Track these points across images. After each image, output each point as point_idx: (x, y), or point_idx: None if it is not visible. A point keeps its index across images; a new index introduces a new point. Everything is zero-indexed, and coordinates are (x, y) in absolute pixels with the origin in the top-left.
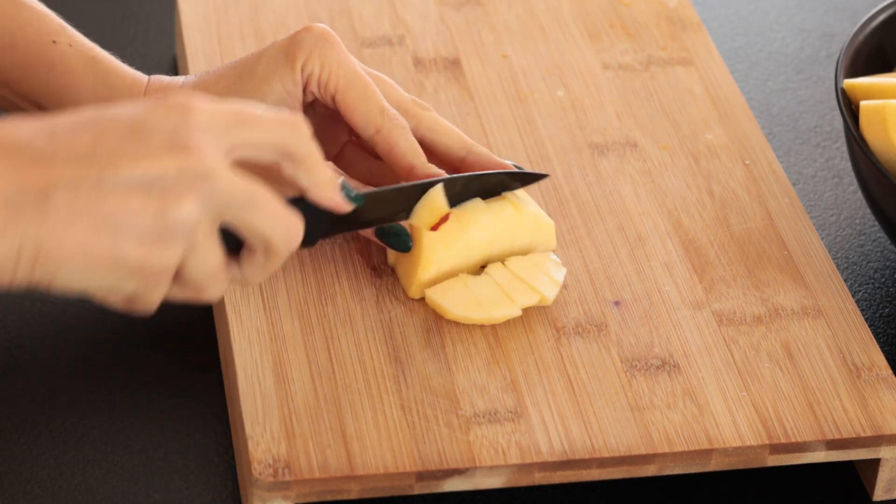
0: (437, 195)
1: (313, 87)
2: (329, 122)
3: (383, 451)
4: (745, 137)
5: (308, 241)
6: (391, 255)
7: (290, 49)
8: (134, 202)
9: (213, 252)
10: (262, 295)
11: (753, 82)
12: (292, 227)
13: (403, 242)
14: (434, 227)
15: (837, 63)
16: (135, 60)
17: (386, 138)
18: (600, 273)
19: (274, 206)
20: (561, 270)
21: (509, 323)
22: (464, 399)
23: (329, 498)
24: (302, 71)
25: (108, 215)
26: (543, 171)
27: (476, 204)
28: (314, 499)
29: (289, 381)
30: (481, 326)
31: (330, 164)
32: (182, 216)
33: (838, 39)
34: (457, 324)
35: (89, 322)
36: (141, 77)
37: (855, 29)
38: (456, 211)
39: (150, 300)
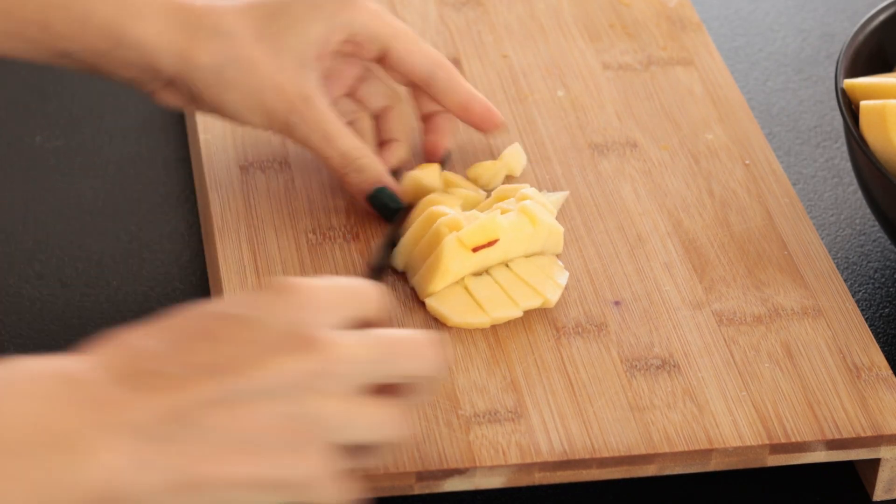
0: (494, 218)
1: (362, 39)
2: (340, 63)
3: (383, 451)
4: (745, 137)
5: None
6: (401, 258)
7: (342, 3)
8: (273, 413)
9: (371, 415)
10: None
11: (753, 82)
12: (434, 350)
13: (393, 211)
14: (476, 249)
15: (837, 63)
16: None
17: (448, 74)
18: (600, 273)
19: (408, 344)
20: (564, 274)
21: (509, 323)
22: (464, 399)
23: None
24: (346, 22)
25: (248, 432)
26: (543, 171)
27: (494, 216)
28: None
29: None
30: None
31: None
32: (325, 415)
33: (838, 39)
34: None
35: (89, 320)
36: None
37: (855, 29)
38: (475, 224)
39: (323, 499)
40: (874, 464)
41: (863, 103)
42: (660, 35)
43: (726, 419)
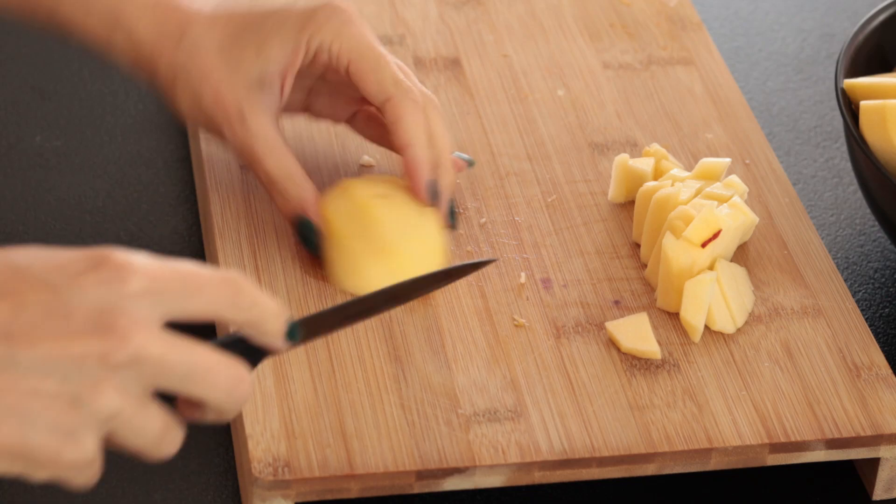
0: (712, 210)
1: (324, 58)
2: (341, 87)
3: (383, 450)
4: (745, 137)
5: (253, 365)
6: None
7: (304, 20)
8: (47, 389)
9: (150, 421)
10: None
11: (753, 82)
12: (238, 385)
13: (315, 246)
14: (705, 244)
15: (837, 63)
16: None
17: (395, 107)
18: (600, 272)
19: (214, 373)
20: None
21: (509, 323)
22: (464, 398)
23: (329, 497)
24: (309, 42)
25: (16, 403)
26: (543, 170)
27: (711, 209)
28: (314, 498)
29: (289, 381)
30: (481, 326)
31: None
32: (100, 407)
33: (838, 39)
34: (457, 323)
35: None
36: None
37: (855, 29)
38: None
39: (80, 482)
40: (874, 463)
41: (863, 103)
42: (660, 35)
43: (726, 418)
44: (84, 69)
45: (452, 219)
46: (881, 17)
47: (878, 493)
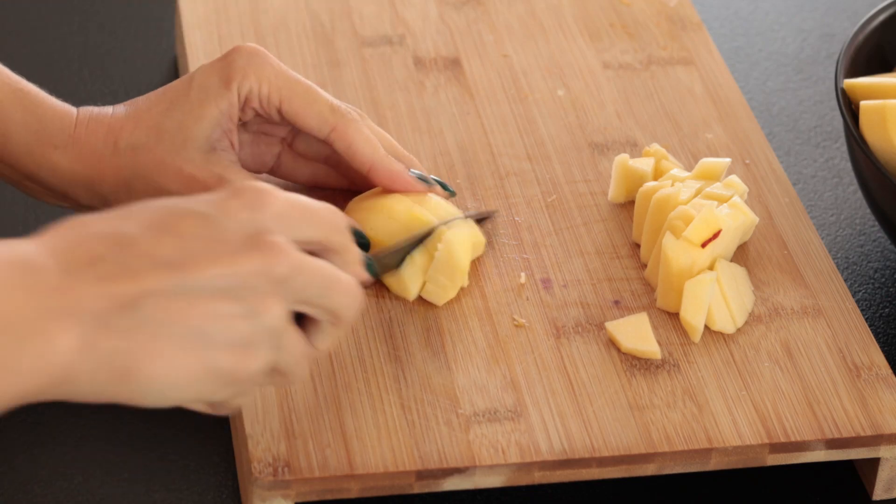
0: (712, 210)
1: (255, 104)
2: (261, 136)
3: (383, 450)
4: (745, 137)
5: None
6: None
7: (223, 72)
8: (222, 309)
9: (298, 340)
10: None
11: (753, 82)
12: (358, 297)
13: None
14: (705, 244)
15: (837, 63)
16: (135, 60)
17: (342, 135)
18: (600, 272)
19: (345, 285)
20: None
21: (509, 323)
22: (463, 398)
23: (329, 497)
24: (239, 92)
25: (197, 326)
26: (543, 170)
27: (711, 209)
28: (314, 498)
29: None
30: (481, 326)
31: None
32: (270, 319)
33: (838, 39)
34: (457, 323)
35: None
36: (70, 108)
37: (855, 29)
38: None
39: (241, 403)
40: (874, 463)
41: (863, 103)
42: (660, 35)
43: (726, 418)
44: (84, 69)
45: (447, 188)
46: (881, 17)
47: (878, 493)
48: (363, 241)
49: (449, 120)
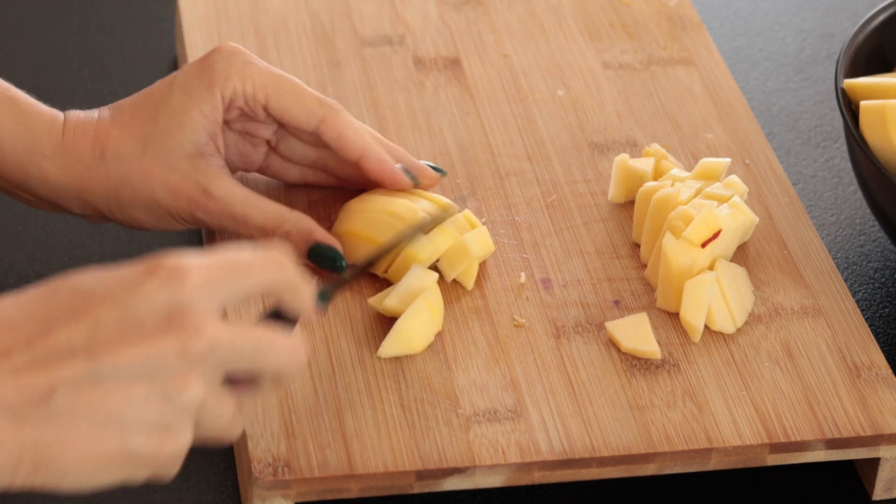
0: (712, 210)
1: (240, 104)
2: (246, 136)
3: (383, 450)
4: (745, 137)
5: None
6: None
7: (205, 74)
8: (137, 394)
9: (225, 405)
10: (262, 295)
11: (753, 82)
12: (296, 352)
13: (338, 266)
14: (705, 244)
15: (837, 63)
16: (135, 60)
17: (332, 125)
18: (600, 272)
19: (279, 345)
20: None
21: (509, 323)
22: (463, 398)
23: (329, 497)
24: (222, 94)
25: (112, 412)
26: (543, 170)
27: (711, 209)
28: (314, 498)
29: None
30: (481, 326)
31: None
32: (189, 398)
33: (838, 39)
34: (456, 323)
35: None
36: (57, 114)
37: (855, 29)
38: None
39: (169, 474)
40: (874, 463)
41: (863, 103)
42: (660, 35)
43: (726, 418)
44: (84, 69)
45: (438, 169)
46: (881, 17)
47: (878, 493)
48: (333, 255)
49: (449, 120)
